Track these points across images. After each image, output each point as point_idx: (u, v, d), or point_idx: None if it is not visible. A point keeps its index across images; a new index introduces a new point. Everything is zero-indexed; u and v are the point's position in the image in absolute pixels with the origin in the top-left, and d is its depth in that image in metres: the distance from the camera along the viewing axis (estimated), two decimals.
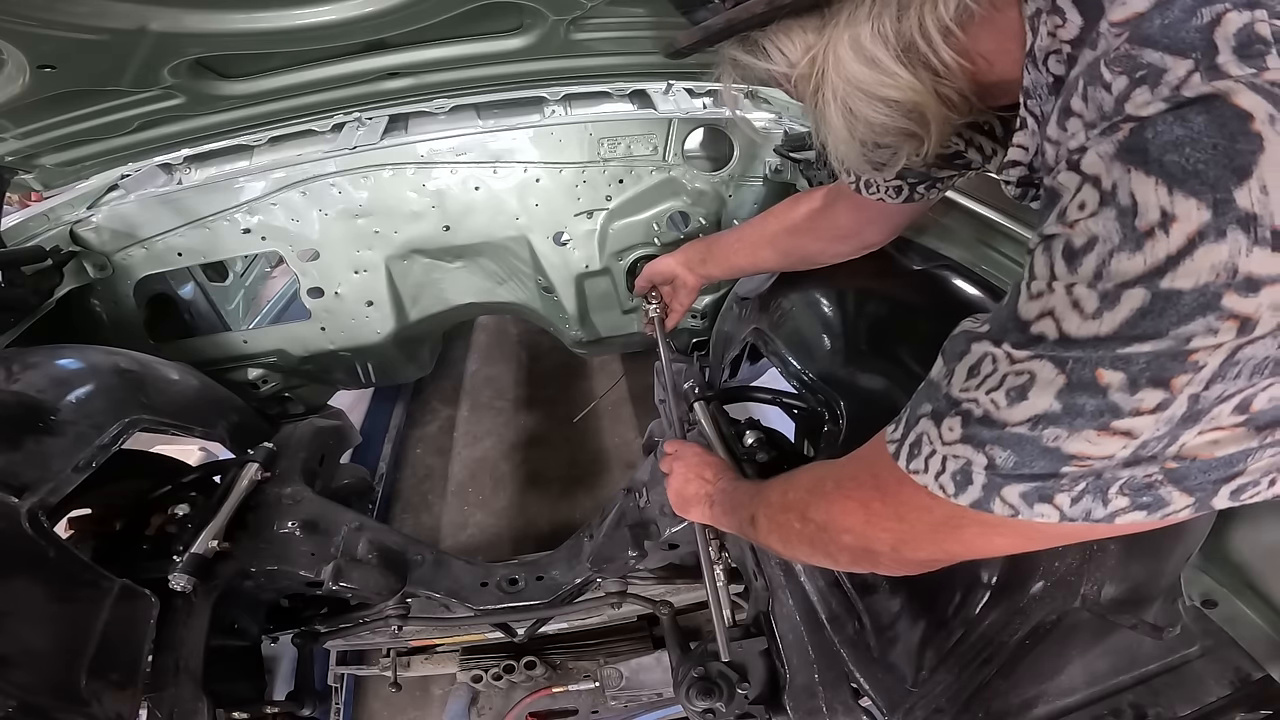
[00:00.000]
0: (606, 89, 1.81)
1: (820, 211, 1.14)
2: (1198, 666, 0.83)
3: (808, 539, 0.72)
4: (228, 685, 1.22)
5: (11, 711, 0.82)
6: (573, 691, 1.61)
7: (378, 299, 1.88)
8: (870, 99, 0.56)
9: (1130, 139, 0.38)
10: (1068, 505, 0.46)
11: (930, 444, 0.52)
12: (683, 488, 1.10)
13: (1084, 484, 0.45)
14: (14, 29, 0.97)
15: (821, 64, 0.56)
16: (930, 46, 0.53)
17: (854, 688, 1.02)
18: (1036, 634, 0.89)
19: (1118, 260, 0.38)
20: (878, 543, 0.63)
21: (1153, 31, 0.39)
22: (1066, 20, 0.46)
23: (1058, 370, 0.42)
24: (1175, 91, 0.37)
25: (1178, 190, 0.36)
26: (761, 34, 0.58)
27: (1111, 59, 0.40)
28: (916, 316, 1.18)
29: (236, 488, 1.33)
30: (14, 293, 1.43)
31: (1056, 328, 0.42)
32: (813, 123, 0.63)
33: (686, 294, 1.42)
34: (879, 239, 1.12)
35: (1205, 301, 0.36)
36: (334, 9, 1.13)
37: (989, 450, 0.47)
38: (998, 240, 1.11)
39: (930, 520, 0.56)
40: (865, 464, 0.64)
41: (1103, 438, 0.42)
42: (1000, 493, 0.48)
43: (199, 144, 1.73)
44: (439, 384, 3.22)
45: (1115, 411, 0.41)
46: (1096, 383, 0.41)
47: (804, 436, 1.62)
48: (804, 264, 1.24)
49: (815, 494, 0.71)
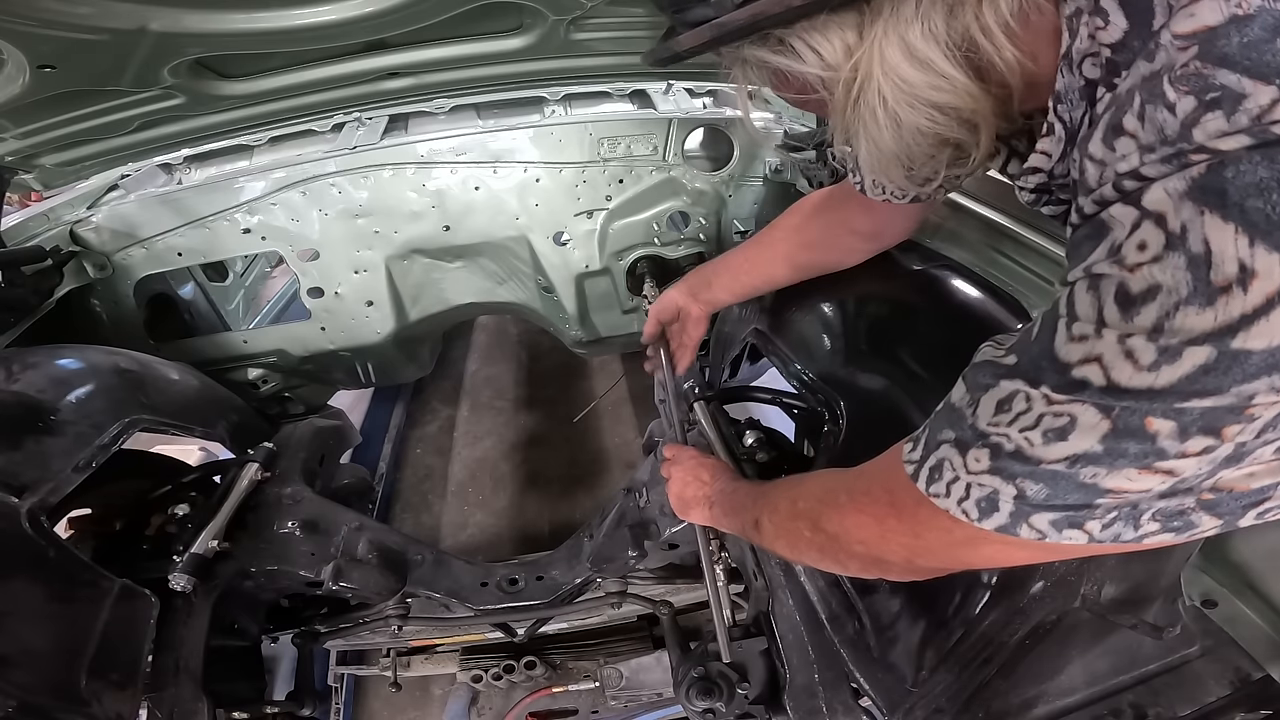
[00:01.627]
0: (606, 89, 1.81)
1: (834, 222, 1.09)
2: (1198, 666, 0.83)
3: (818, 547, 0.71)
4: (228, 685, 1.22)
5: (11, 711, 0.82)
6: (573, 691, 1.61)
7: (378, 299, 1.88)
8: (921, 105, 0.51)
9: (1206, 177, 0.34)
10: (1098, 530, 0.45)
11: (953, 470, 0.50)
12: (682, 490, 1.09)
13: (1117, 513, 0.44)
14: (14, 29, 0.97)
15: (866, 67, 0.51)
16: (994, 44, 0.48)
17: (854, 688, 1.02)
18: (1036, 634, 0.89)
19: (1184, 315, 0.35)
20: (891, 554, 0.62)
21: (1230, 50, 0.34)
22: (1110, 22, 0.43)
23: (1102, 416, 0.40)
24: (1258, 122, 0.33)
25: (1260, 242, 0.32)
26: (788, 31, 0.52)
27: (1177, 76, 0.36)
28: (916, 316, 1.18)
29: (236, 488, 1.33)
30: (14, 293, 1.43)
31: (1104, 375, 0.39)
32: (843, 131, 0.57)
33: (695, 326, 1.32)
34: (898, 236, 1.09)
35: (1274, 362, 0.34)
36: (334, 9, 1.13)
37: (1019, 483, 0.46)
38: (1004, 244, 1.11)
39: (949, 539, 0.55)
40: (880, 480, 0.62)
41: (1143, 475, 0.41)
42: (1028, 520, 0.47)
43: (199, 144, 1.73)
44: (439, 384, 3.22)
45: (1160, 455, 0.39)
46: (1144, 430, 0.39)
47: (804, 436, 1.62)
48: (820, 273, 1.19)
49: (827, 505, 0.70)
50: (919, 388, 1.09)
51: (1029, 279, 1.04)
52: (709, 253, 1.99)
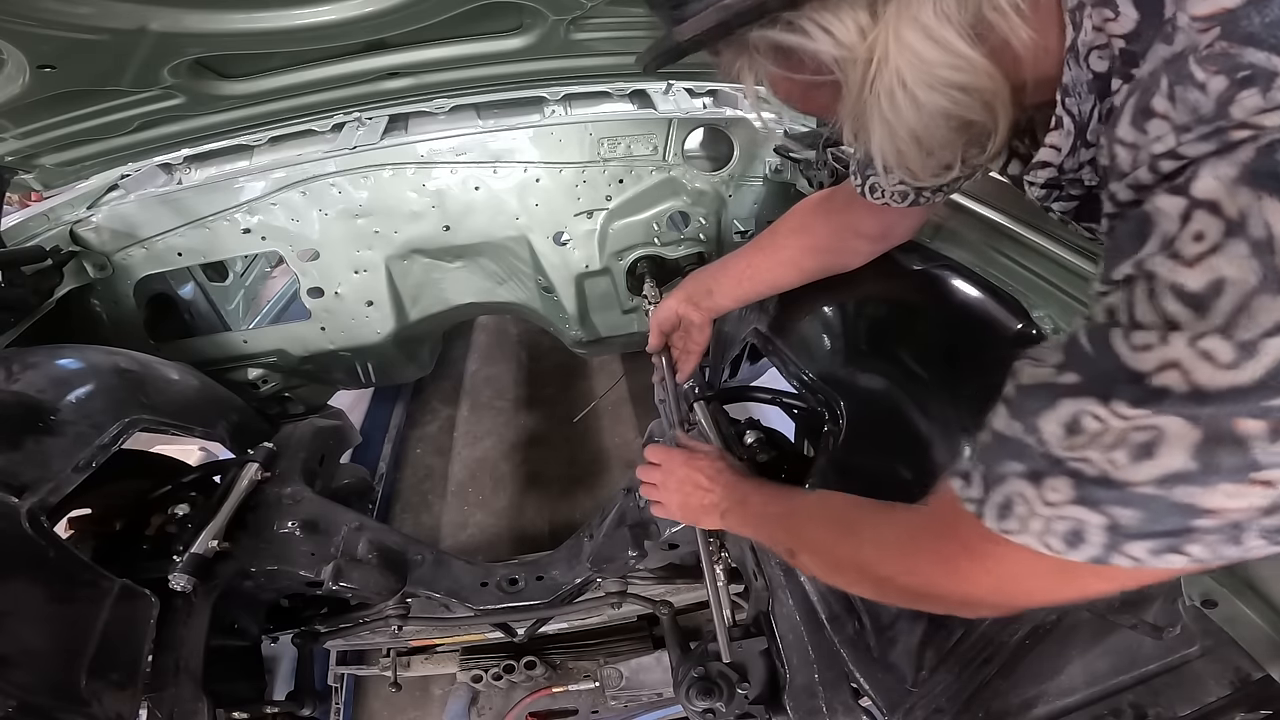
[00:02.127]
0: (606, 89, 1.81)
1: (840, 225, 1.07)
2: (1198, 666, 0.83)
3: (872, 586, 0.71)
4: (228, 685, 1.22)
5: (11, 711, 0.82)
6: (573, 691, 1.61)
7: (378, 299, 1.88)
8: (941, 86, 0.50)
9: (1258, 160, 0.34)
10: (1199, 551, 0.42)
11: (1026, 505, 0.47)
12: (685, 500, 1.06)
13: (1219, 534, 0.42)
14: (14, 29, 0.97)
15: (882, 48, 0.49)
16: (1009, 24, 0.47)
17: (854, 688, 1.02)
18: (1036, 634, 0.89)
19: (1258, 305, 0.34)
20: (963, 593, 0.59)
21: (1254, 30, 0.35)
22: (1120, 14, 0.43)
23: (1189, 425, 0.38)
24: None
25: None
26: (798, 14, 0.50)
27: (1203, 56, 0.36)
28: (916, 316, 1.18)
29: (236, 488, 1.33)
30: (14, 293, 1.43)
31: (1185, 380, 0.37)
32: (855, 119, 0.55)
33: (699, 332, 1.27)
34: (903, 236, 1.08)
35: None
36: (334, 9, 1.13)
37: (1108, 510, 0.43)
38: (1004, 244, 1.10)
39: (1033, 572, 0.51)
40: (941, 524, 0.58)
41: (1242, 490, 0.38)
42: (1123, 549, 0.44)
43: (199, 144, 1.73)
44: (439, 384, 3.22)
45: (1255, 465, 0.37)
46: (1234, 434, 0.37)
47: (804, 436, 1.62)
48: (826, 275, 1.17)
49: (884, 551, 0.68)
50: (919, 388, 1.09)
51: (1029, 279, 1.04)
52: (709, 253, 1.99)
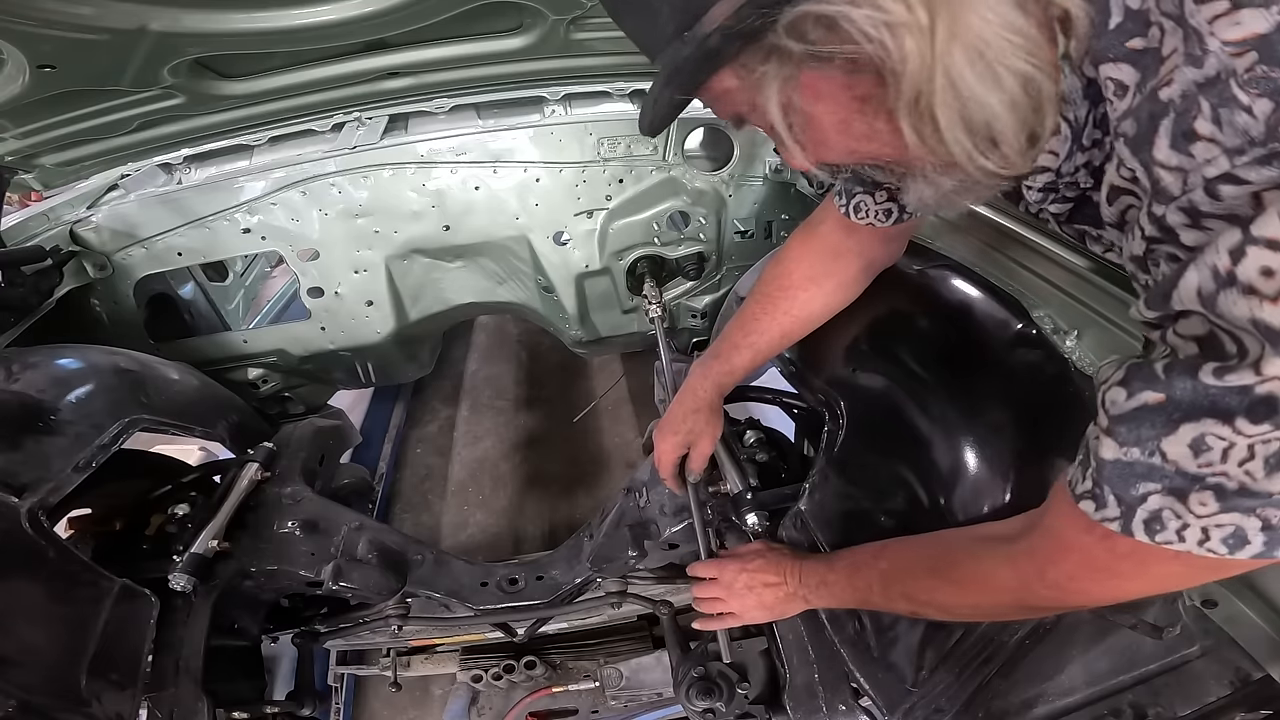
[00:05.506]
0: (606, 89, 1.81)
1: (836, 286, 1.06)
2: (1198, 666, 0.83)
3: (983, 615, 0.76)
4: (228, 685, 1.22)
5: (11, 711, 0.82)
6: (573, 691, 1.61)
7: (378, 299, 1.88)
8: (999, 70, 0.45)
9: None
10: None
11: (1179, 518, 0.49)
12: (761, 600, 1.03)
13: None
14: (14, 29, 0.97)
15: (948, 12, 0.43)
16: None
17: (854, 688, 1.02)
18: (1036, 634, 0.89)
19: None
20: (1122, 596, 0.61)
21: None
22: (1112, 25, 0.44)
23: None
24: None
25: None
26: None
27: (1244, 80, 0.38)
28: (916, 316, 1.18)
29: (236, 488, 1.33)
30: (14, 293, 1.43)
31: None
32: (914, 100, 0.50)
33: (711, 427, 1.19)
34: (890, 260, 1.08)
35: None
36: (334, 9, 1.13)
37: (1261, 513, 0.45)
38: (1004, 244, 1.10)
39: (1190, 572, 0.54)
40: (1084, 554, 0.59)
41: None
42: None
43: (199, 144, 1.73)
44: (439, 384, 3.22)
45: None
46: None
47: (804, 436, 1.62)
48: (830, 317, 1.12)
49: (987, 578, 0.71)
50: (919, 388, 1.09)
51: (1029, 279, 1.04)
52: (709, 252, 2.00)
